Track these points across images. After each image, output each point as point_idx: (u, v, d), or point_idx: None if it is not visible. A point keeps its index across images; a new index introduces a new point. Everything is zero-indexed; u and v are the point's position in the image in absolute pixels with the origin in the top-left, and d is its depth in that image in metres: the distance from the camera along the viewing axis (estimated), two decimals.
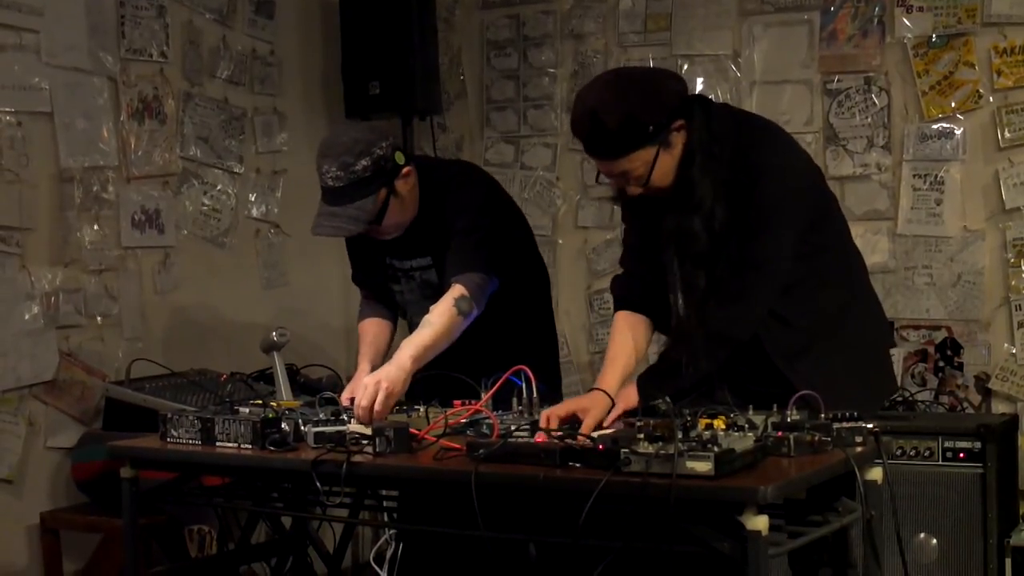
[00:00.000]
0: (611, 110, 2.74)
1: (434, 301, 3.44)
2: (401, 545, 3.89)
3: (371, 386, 3.01)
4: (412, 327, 3.61)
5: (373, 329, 3.62)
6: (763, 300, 2.87)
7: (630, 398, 2.89)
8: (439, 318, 3.21)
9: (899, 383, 4.57)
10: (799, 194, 2.87)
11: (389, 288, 3.60)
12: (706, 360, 2.86)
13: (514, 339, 3.47)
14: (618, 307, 3.11)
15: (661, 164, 2.79)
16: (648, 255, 2.99)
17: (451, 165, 3.81)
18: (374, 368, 3.39)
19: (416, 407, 3.16)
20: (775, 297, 2.88)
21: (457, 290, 3.25)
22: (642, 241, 3.02)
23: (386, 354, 3.55)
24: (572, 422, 2.81)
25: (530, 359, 3.16)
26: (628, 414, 2.84)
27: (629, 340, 3.01)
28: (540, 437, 2.73)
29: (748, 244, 2.82)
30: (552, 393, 3.43)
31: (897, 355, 4.60)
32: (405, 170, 3.32)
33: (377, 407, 2.99)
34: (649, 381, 2.89)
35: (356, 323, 3.73)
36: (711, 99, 2.96)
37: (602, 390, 2.89)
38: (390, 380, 3.03)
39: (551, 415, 2.81)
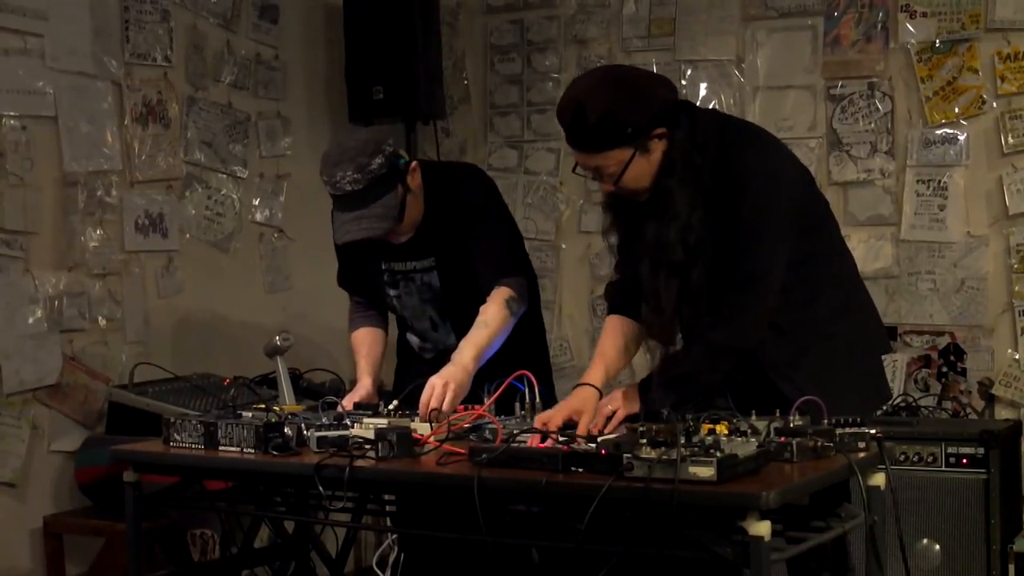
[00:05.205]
0: (594, 104, 2.75)
1: (434, 305, 3.47)
2: (403, 550, 3.89)
3: (439, 387, 3.08)
4: (414, 332, 3.61)
5: (368, 339, 3.62)
6: (763, 311, 2.86)
7: (632, 404, 2.89)
8: (494, 318, 3.27)
9: (902, 388, 4.57)
10: (790, 202, 2.85)
11: (384, 293, 3.59)
12: (710, 374, 2.87)
13: (513, 342, 3.46)
14: (610, 312, 3.12)
15: (635, 167, 2.80)
16: (634, 262, 2.99)
17: (456, 167, 3.81)
18: (376, 379, 3.51)
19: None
20: (773, 306, 2.87)
21: (505, 292, 3.31)
22: (629, 248, 3.03)
23: (382, 363, 3.60)
24: (568, 426, 2.82)
25: (528, 361, 3.18)
26: (630, 419, 2.83)
27: (619, 340, 3.03)
28: (533, 440, 2.73)
29: (742, 256, 2.80)
30: (550, 396, 3.43)
31: (900, 360, 4.60)
32: (412, 165, 3.35)
33: (445, 407, 3.05)
34: (653, 389, 2.88)
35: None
36: (696, 105, 2.97)
37: (589, 384, 2.92)
38: (456, 381, 3.10)
39: (549, 421, 2.81)
